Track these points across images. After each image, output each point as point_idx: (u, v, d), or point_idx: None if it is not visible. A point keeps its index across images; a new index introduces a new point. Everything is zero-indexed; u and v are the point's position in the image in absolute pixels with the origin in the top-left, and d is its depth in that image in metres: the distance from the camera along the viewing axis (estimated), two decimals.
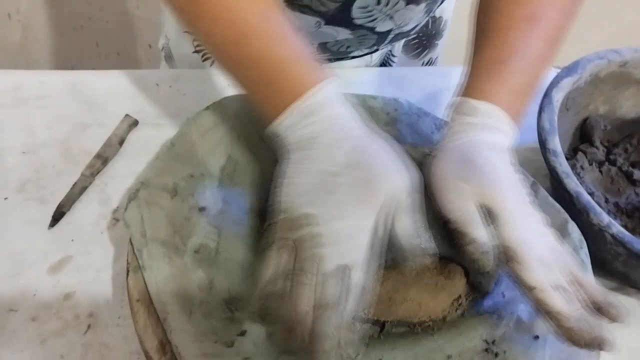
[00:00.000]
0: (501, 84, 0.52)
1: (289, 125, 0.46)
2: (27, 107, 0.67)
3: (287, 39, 0.49)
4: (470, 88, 0.53)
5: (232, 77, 0.50)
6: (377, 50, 0.80)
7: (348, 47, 0.75)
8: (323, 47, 0.75)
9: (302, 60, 0.48)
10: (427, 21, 0.84)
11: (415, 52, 0.86)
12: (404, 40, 0.85)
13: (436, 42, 0.88)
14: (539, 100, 0.64)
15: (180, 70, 0.78)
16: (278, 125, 0.47)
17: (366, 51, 0.79)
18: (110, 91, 0.70)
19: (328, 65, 0.80)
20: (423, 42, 0.86)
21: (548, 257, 0.45)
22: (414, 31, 0.81)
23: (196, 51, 0.80)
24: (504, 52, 0.53)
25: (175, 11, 0.51)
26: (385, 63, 0.86)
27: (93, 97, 0.69)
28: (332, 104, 0.47)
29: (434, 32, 0.86)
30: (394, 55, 0.85)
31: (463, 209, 0.45)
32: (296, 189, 0.44)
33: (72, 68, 0.73)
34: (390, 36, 0.76)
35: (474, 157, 0.48)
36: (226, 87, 0.71)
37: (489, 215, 0.45)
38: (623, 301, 0.59)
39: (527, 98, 0.54)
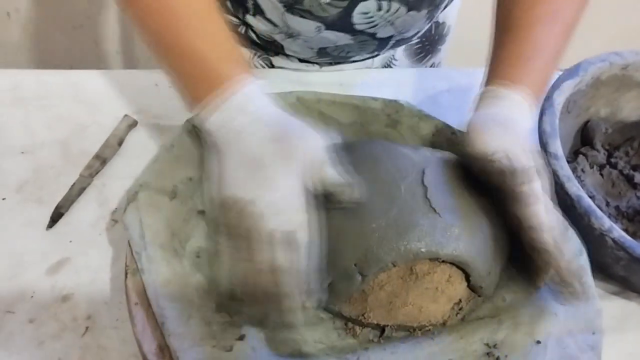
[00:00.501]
0: (526, 75, 0.54)
1: (216, 121, 0.48)
2: (26, 107, 0.67)
3: (217, 34, 0.51)
4: (496, 77, 0.55)
5: (163, 66, 0.52)
6: (377, 55, 0.80)
7: (348, 52, 0.75)
8: (323, 51, 0.75)
9: (230, 57, 0.51)
10: (430, 27, 0.83)
11: (418, 57, 0.86)
12: (406, 46, 0.84)
13: (439, 47, 0.88)
14: (539, 103, 0.64)
15: None
16: (205, 120, 0.48)
17: (367, 56, 0.79)
18: (110, 91, 0.69)
19: (330, 68, 0.80)
20: (426, 47, 0.85)
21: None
22: (415, 37, 0.81)
23: None
24: (529, 47, 0.55)
25: None
26: (386, 67, 0.85)
27: (92, 97, 0.69)
28: (257, 99, 0.49)
29: (437, 37, 0.85)
30: (395, 60, 0.85)
31: (501, 145, 0.49)
32: (228, 182, 0.46)
33: (71, 67, 0.73)
34: (392, 42, 0.75)
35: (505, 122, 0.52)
36: None
37: None
38: (623, 306, 0.59)
39: (544, 90, 0.57)
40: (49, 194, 0.59)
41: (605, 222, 0.54)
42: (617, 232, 0.54)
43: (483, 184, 0.51)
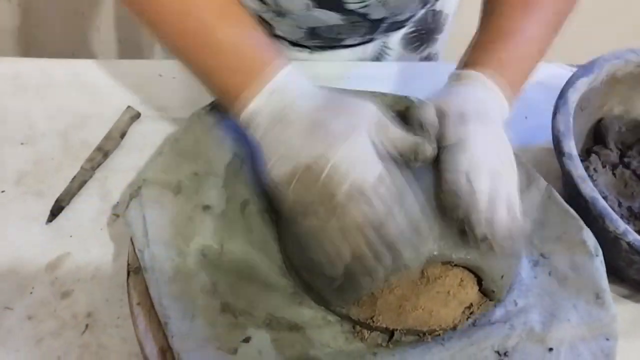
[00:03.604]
0: (489, 58, 0.54)
1: (262, 103, 0.47)
2: (26, 97, 0.65)
3: (243, 25, 0.50)
4: (461, 63, 0.56)
5: (191, 67, 0.51)
6: (371, 40, 0.78)
7: (339, 33, 0.73)
8: (313, 32, 0.73)
9: (263, 44, 0.50)
10: (427, 15, 0.82)
11: (414, 45, 0.84)
12: (402, 34, 0.82)
13: (436, 36, 0.86)
14: (553, 101, 0.63)
15: None
16: (249, 107, 0.47)
17: (359, 40, 0.77)
18: (112, 82, 0.68)
19: (321, 53, 0.78)
20: (422, 36, 0.83)
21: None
22: (409, 21, 0.79)
23: None
24: (495, 34, 0.56)
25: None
26: (379, 56, 0.84)
27: (94, 87, 0.67)
28: (298, 78, 0.49)
29: (433, 26, 0.84)
30: (389, 48, 0.83)
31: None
32: (287, 153, 0.45)
33: (73, 55, 0.72)
34: (384, 25, 0.74)
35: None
36: None
37: None
38: (636, 309, 0.58)
39: (517, 72, 0.56)
40: (49, 187, 0.58)
41: (620, 225, 0.53)
42: (632, 235, 0.52)
43: None
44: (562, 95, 0.63)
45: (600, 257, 0.53)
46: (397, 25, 0.77)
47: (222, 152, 0.53)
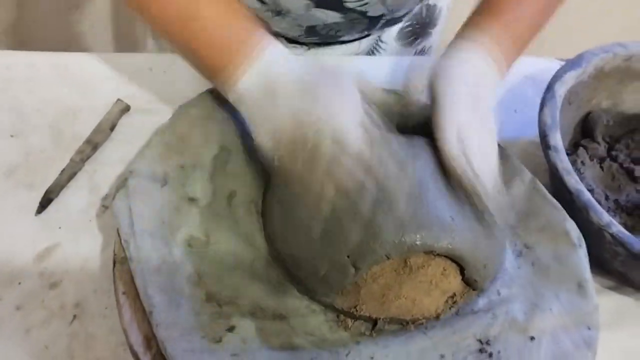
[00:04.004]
0: (484, 31, 0.55)
1: (252, 75, 0.48)
2: (15, 89, 0.65)
3: (229, 3, 0.51)
4: (458, 35, 0.57)
5: (179, 47, 0.53)
6: (367, 36, 0.78)
7: (338, 31, 0.74)
8: (311, 30, 0.73)
9: (248, 22, 0.51)
10: (421, 9, 0.82)
11: (409, 40, 0.84)
12: (397, 29, 0.83)
13: (430, 30, 0.86)
14: (540, 94, 0.63)
15: (174, 56, 0.76)
16: (238, 81, 0.48)
17: (356, 36, 0.77)
18: (102, 75, 0.68)
19: (315, 49, 0.78)
20: (417, 30, 0.84)
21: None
22: (406, 17, 0.79)
23: None
24: (492, 9, 0.56)
25: None
26: (374, 50, 0.84)
27: (84, 80, 0.67)
28: (280, 55, 0.50)
29: (428, 20, 0.84)
30: (383, 42, 0.83)
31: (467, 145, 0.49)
32: (275, 121, 0.47)
33: (66, 49, 0.72)
34: (382, 21, 0.74)
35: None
36: None
37: None
38: (620, 301, 0.59)
39: (510, 45, 0.56)
40: (39, 179, 0.58)
41: (604, 217, 0.53)
42: (616, 227, 0.53)
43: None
44: (550, 88, 0.63)
45: (584, 248, 0.53)
46: (395, 21, 0.78)
47: (208, 144, 0.53)
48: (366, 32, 0.77)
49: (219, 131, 0.54)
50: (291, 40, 0.78)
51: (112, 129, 0.63)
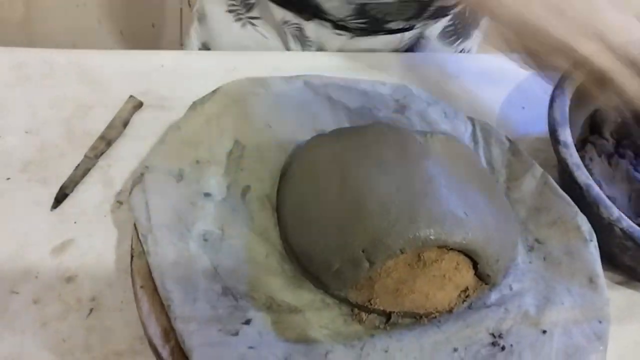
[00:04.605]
0: None
1: None
2: (29, 86, 0.66)
3: None
4: None
5: None
6: (412, 27, 0.79)
7: (387, 14, 0.74)
8: (361, 10, 0.73)
9: None
10: (465, 8, 0.82)
11: (450, 39, 0.85)
12: (441, 26, 0.83)
13: (472, 32, 0.86)
14: (547, 90, 0.64)
15: (186, 52, 0.77)
16: None
17: (402, 25, 0.77)
18: (115, 71, 0.68)
19: (359, 39, 0.79)
20: (459, 29, 0.84)
21: None
22: (452, 11, 0.80)
23: (229, 11, 0.79)
24: None
25: None
26: (413, 47, 0.84)
27: (97, 77, 0.68)
28: None
29: (470, 20, 0.84)
30: (424, 38, 0.83)
31: None
32: None
33: (74, 46, 0.72)
34: (431, 9, 0.74)
35: None
36: (232, 69, 0.70)
37: None
38: (630, 296, 0.59)
39: None
40: (53, 175, 0.59)
41: (614, 212, 0.54)
42: (626, 221, 0.53)
43: (491, 169, 0.50)
44: (559, 85, 0.63)
45: (595, 242, 0.54)
46: (443, 13, 0.78)
47: (223, 140, 0.54)
48: (413, 21, 0.77)
49: (233, 127, 0.55)
50: (337, 26, 0.78)
51: (125, 125, 0.63)
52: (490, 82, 0.78)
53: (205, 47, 0.85)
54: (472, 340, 0.47)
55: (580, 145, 0.69)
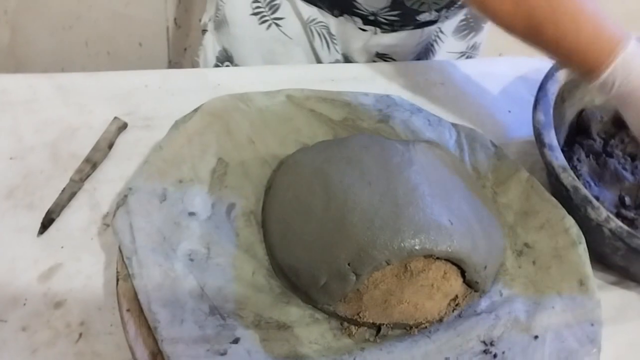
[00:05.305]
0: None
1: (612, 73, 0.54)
2: (14, 112, 0.66)
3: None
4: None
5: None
6: (436, 21, 0.80)
7: (421, 5, 0.74)
8: (397, 2, 0.74)
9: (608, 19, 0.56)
10: None
11: (462, 33, 0.86)
12: (457, 20, 0.84)
13: (483, 25, 0.87)
14: (534, 93, 0.64)
15: (170, 70, 0.76)
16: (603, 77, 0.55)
17: (431, 17, 0.78)
18: (98, 93, 0.68)
19: (383, 35, 0.80)
20: (471, 24, 0.85)
21: None
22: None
23: (254, 13, 0.79)
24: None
25: None
26: (431, 42, 0.85)
27: (81, 99, 0.68)
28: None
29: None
30: (442, 34, 0.84)
31: None
32: None
33: (62, 69, 0.72)
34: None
35: None
36: (216, 86, 0.70)
37: None
38: (622, 295, 0.59)
39: None
40: (39, 199, 0.58)
41: (602, 213, 0.54)
42: (615, 222, 0.53)
43: (477, 174, 0.50)
44: (542, 87, 0.64)
45: (584, 245, 0.53)
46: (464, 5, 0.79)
47: (206, 157, 0.54)
48: (444, 11, 0.78)
49: (215, 144, 0.54)
50: (367, 20, 0.78)
51: (110, 147, 0.63)
52: (475, 87, 0.78)
53: (225, 52, 0.86)
54: (463, 349, 0.47)
55: (568, 146, 0.69)
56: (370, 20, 0.78)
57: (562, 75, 0.64)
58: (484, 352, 0.46)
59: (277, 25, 0.81)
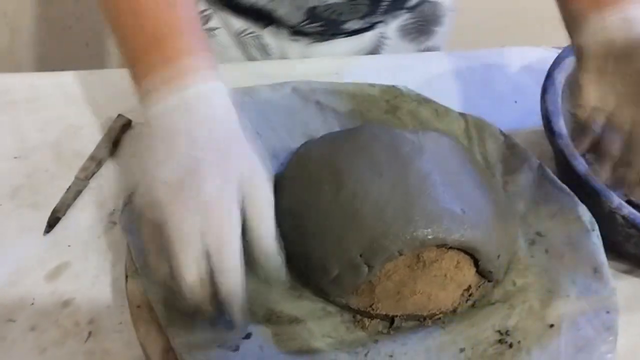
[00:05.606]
0: None
1: (163, 110, 0.43)
2: (16, 111, 0.65)
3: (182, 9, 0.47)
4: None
5: (121, 46, 0.48)
6: (370, 27, 0.78)
7: (340, 14, 0.73)
8: (313, 13, 0.73)
9: (193, 32, 0.46)
10: (424, 5, 0.82)
11: (411, 36, 0.84)
12: (399, 24, 0.82)
13: (434, 29, 0.86)
14: (539, 83, 0.63)
15: None
16: (152, 105, 0.44)
17: (359, 25, 0.77)
18: (102, 91, 0.68)
19: (318, 45, 0.78)
20: (421, 27, 0.83)
21: None
22: (407, 4, 0.79)
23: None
24: None
25: None
26: (378, 47, 0.84)
27: (84, 97, 0.67)
28: (213, 99, 0.45)
29: (432, 18, 0.84)
30: (387, 38, 0.83)
31: None
32: (147, 180, 0.42)
33: (62, 69, 0.72)
34: (384, 4, 0.74)
35: None
36: None
37: None
38: (635, 284, 0.58)
39: None
40: (44, 199, 0.58)
41: (614, 200, 0.53)
42: (627, 209, 0.53)
43: (486, 164, 0.50)
44: (549, 75, 0.63)
45: (597, 232, 0.53)
46: (398, 6, 0.77)
47: None
48: (368, 19, 0.76)
49: None
50: (294, 32, 0.77)
51: (115, 144, 0.63)
52: (480, 78, 0.78)
53: None
54: (478, 339, 0.46)
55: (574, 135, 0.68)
56: (297, 32, 0.78)
57: (569, 63, 0.63)
58: (499, 342, 0.46)
59: (210, 36, 0.80)
